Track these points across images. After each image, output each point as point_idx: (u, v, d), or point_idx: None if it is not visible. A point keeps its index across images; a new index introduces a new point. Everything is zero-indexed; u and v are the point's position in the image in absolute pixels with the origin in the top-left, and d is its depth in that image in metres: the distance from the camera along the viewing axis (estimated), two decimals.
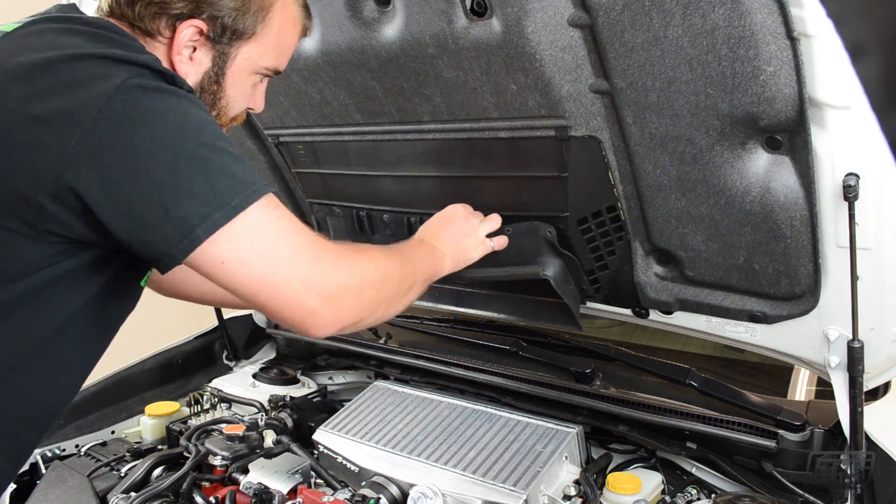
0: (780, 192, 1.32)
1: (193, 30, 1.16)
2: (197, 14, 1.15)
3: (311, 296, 1.07)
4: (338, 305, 1.10)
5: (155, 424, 2.05)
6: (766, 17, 1.14)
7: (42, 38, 1.02)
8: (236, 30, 1.19)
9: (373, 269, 1.20)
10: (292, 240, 1.07)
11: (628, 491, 1.53)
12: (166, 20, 1.15)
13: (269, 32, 1.23)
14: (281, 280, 1.05)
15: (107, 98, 0.95)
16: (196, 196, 0.98)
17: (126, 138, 0.96)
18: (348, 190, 1.97)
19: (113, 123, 0.95)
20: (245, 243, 1.02)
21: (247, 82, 1.27)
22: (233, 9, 1.17)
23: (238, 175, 1.03)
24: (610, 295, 1.70)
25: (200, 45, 1.18)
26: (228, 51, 1.21)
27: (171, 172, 0.97)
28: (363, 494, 1.57)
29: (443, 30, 1.42)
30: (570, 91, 1.39)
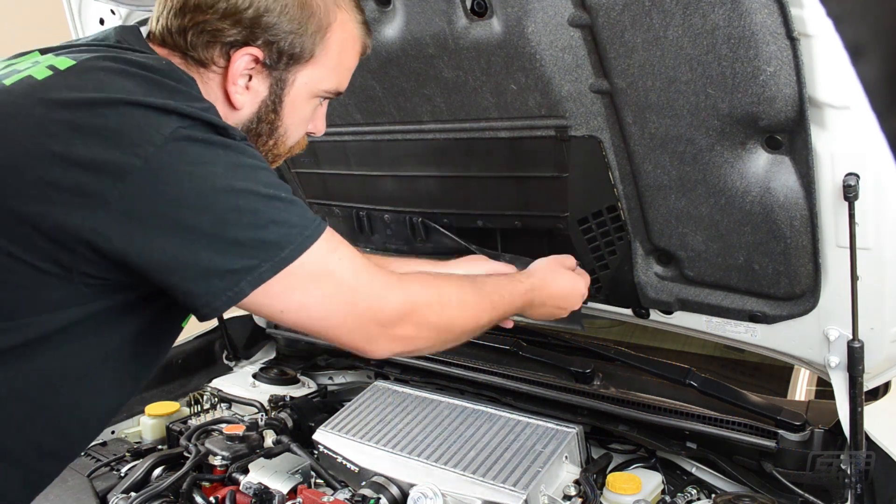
0: (780, 192, 1.32)
1: (249, 58, 1.11)
2: (252, 41, 1.10)
3: (370, 327, 1.08)
4: (396, 335, 1.10)
5: (155, 424, 2.05)
6: (766, 17, 1.14)
7: (94, 77, 0.98)
8: (293, 54, 1.13)
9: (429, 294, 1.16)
10: (346, 278, 1.05)
11: (628, 491, 1.53)
12: (220, 49, 1.10)
13: (328, 53, 1.17)
14: (340, 318, 1.06)
15: (154, 149, 0.92)
16: (245, 249, 0.96)
17: (171, 192, 0.93)
18: (348, 190, 1.97)
19: (158, 176, 0.92)
20: (298, 292, 1.01)
21: (306, 107, 1.21)
22: (289, 32, 1.11)
23: (290, 221, 1.00)
24: (610, 295, 1.70)
25: (256, 73, 1.13)
26: (286, 76, 1.15)
27: (220, 226, 0.95)
28: (363, 494, 1.57)
29: (443, 30, 1.42)
30: (571, 91, 1.39)
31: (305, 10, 1.12)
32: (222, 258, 0.95)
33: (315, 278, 1.02)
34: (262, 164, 1.04)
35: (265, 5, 1.09)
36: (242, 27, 1.09)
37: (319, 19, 1.14)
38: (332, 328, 1.07)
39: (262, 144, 1.22)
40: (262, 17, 1.09)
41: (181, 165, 0.93)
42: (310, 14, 1.12)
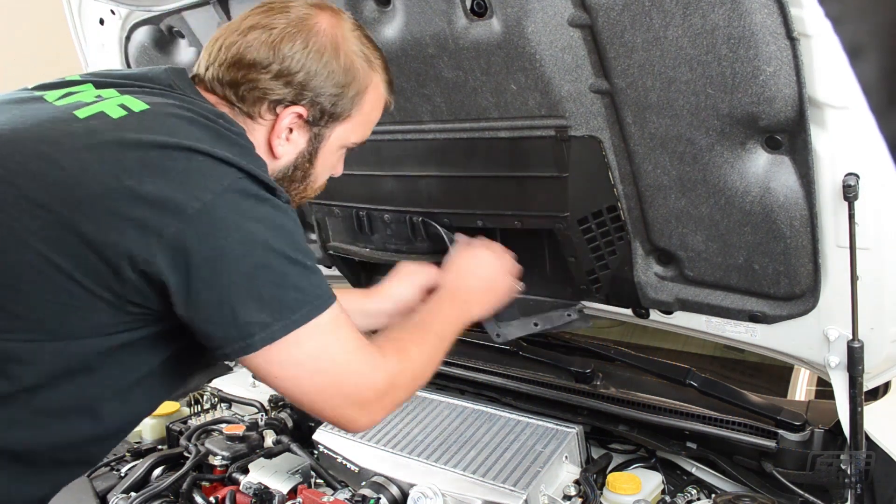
0: (780, 192, 1.32)
1: (294, 115, 1.21)
2: (298, 100, 1.20)
3: (352, 410, 1.15)
4: (373, 412, 1.18)
5: (155, 424, 2.05)
6: (766, 17, 1.14)
7: (167, 122, 1.07)
8: (334, 113, 1.25)
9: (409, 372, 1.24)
10: (339, 360, 1.12)
11: (628, 491, 1.53)
12: (268, 105, 1.20)
13: (361, 112, 1.29)
14: (326, 398, 1.13)
15: (213, 196, 1.01)
16: (264, 304, 1.03)
17: (219, 238, 1.01)
18: (348, 190, 1.97)
19: (211, 221, 1.00)
20: (296, 364, 1.09)
21: (335, 156, 1.34)
22: (333, 95, 1.22)
23: (307, 290, 1.08)
24: (610, 295, 1.70)
25: (298, 128, 1.24)
26: (324, 132, 1.27)
27: (250, 279, 1.03)
28: (363, 494, 1.57)
29: (443, 30, 1.42)
30: (570, 91, 1.39)
31: (348, 76, 1.23)
32: (244, 309, 1.03)
33: (313, 352, 1.09)
34: (298, 227, 1.12)
35: (315, 70, 1.19)
36: (292, 88, 1.19)
37: (359, 83, 1.25)
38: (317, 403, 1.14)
39: (294, 189, 1.33)
40: (311, 80, 1.20)
41: (233, 215, 1.02)
42: (352, 79, 1.23)
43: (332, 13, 1.24)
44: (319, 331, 1.09)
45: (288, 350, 1.06)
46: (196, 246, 1.00)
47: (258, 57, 1.18)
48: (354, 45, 1.25)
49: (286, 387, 1.12)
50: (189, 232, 1.00)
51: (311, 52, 1.19)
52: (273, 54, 1.17)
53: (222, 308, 1.02)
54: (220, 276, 1.02)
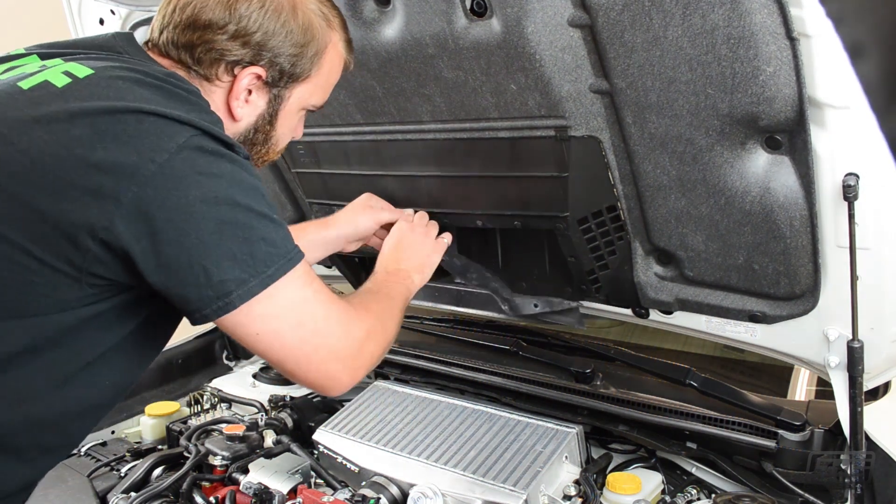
0: (780, 192, 1.32)
1: (252, 76, 1.19)
2: (256, 61, 1.18)
3: (335, 365, 1.15)
4: (356, 369, 1.18)
5: (155, 424, 2.05)
6: (766, 17, 1.14)
7: (114, 86, 1.04)
8: (293, 74, 1.23)
9: (380, 327, 1.26)
10: (319, 311, 1.12)
11: (628, 491, 1.53)
12: (225, 66, 1.18)
13: (320, 73, 1.27)
14: (310, 351, 1.12)
15: (168, 155, 0.98)
16: (237, 262, 1.02)
17: (179, 197, 0.99)
18: (348, 190, 1.97)
19: (169, 181, 0.98)
20: (276, 316, 1.07)
21: (295, 118, 1.32)
22: (291, 55, 1.20)
23: (277, 243, 1.07)
24: (610, 295, 1.70)
25: (257, 89, 1.22)
26: (283, 93, 1.25)
27: (218, 237, 1.01)
28: (363, 494, 1.57)
29: (443, 30, 1.42)
30: (570, 91, 1.39)
31: (307, 35, 1.21)
32: (217, 268, 1.01)
33: (292, 304, 1.09)
34: (259, 183, 1.10)
35: (272, 29, 1.17)
36: (250, 48, 1.17)
37: (318, 43, 1.24)
38: (300, 360, 1.12)
39: (256, 151, 1.32)
40: (269, 40, 1.17)
41: (191, 173, 1.00)
42: (311, 39, 1.22)
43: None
44: (296, 284, 1.08)
45: (267, 304, 1.05)
46: (156, 209, 0.98)
47: (214, 17, 1.15)
48: (312, 3, 1.23)
49: (268, 343, 1.09)
50: (147, 195, 0.97)
51: (268, 11, 1.16)
52: (229, 14, 1.15)
53: (194, 269, 1.00)
54: (187, 237, 0.99)
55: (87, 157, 0.98)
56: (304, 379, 1.15)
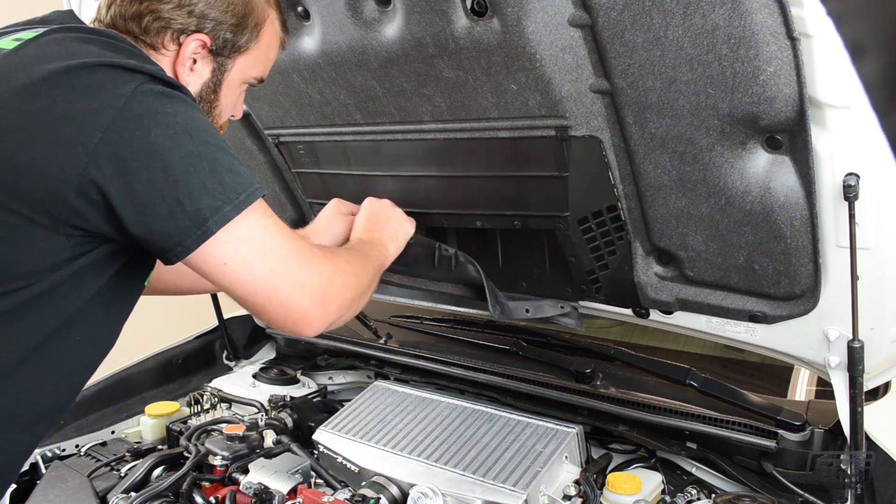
0: (780, 192, 1.32)
1: (197, 43, 1.26)
2: (200, 29, 1.25)
3: (304, 297, 1.15)
4: (326, 305, 1.17)
5: (155, 424, 2.05)
6: (766, 17, 1.14)
7: (63, 46, 1.10)
8: (235, 43, 1.30)
9: (349, 269, 1.29)
10: (287, 243, 1.15)
11: (628, 491, 1.53)
12: (171, 34, 1.24)
13: (260, 46, 1.35)
14: (278, 282, 1.13)
15: (124, 100, 1.04)
16: (208, 191, 1.06)
17: (142, 137, 1.04)
18: (348, 190, 1.97)
19: (130, 122, 1.04)
20: (248, 244, 1.10)
21: (237, 91, 1.38)
22: (233, 24, 1.28)
23: (241, 173, 1.11)
24: (610, 295, 1.70)
25: (201, 58, 1.29)
26: (226, 63, 1.32)
27: (185, 169, 1.05)
28: (363, 494, 1.57)
29: (443, 30, 1.42)
30: (571, 91, 1.39)
31: (248, 7, 1.30)
32: (189, 198, 1.05)
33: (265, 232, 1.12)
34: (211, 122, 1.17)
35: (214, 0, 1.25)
36: (194, 17, 1.25)
37: (257, 16, 1.32)
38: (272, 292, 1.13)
39: None
40: (212, 10, 1.26)
41: (149, 112, 1.05)
42: (251, 11, 1.30)
43: None
44: (264, 213, 1.13)
45: (242, 228, 1.08)
46: (123, 149, 1.03)
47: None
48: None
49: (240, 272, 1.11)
50: (112, 139, 1.02)
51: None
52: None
53: (168, 203, 1.05)
54: (156, 172, 1.04)
55: (50, 110, 1.03)
56: (275, 314, 1.15)
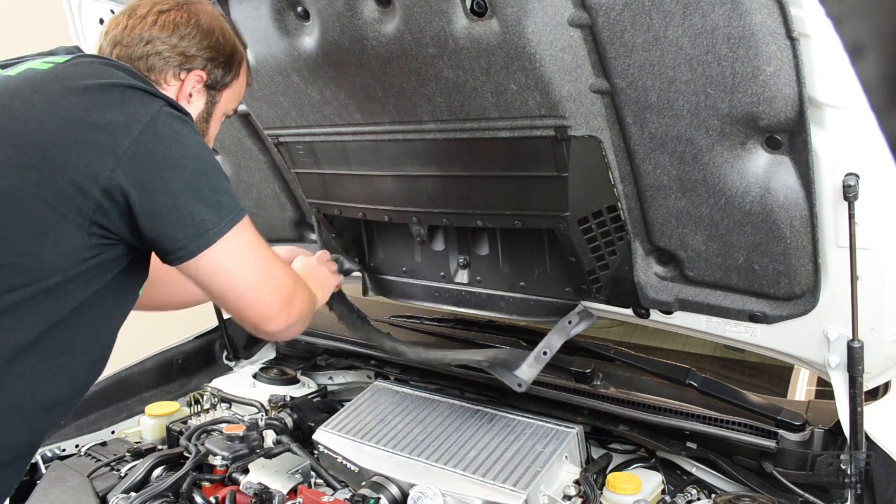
0: (780, 192, 1.32)
1: (196, 79, 1.43)
2: (198, 67, 1.43)
3: (276, 300, 1.34)
4: (290, 309, 1.37)
5: (155, 424, 2.06)
6: (766, 17, 1.14)
7: (94, 67, 1.27)
8: (223, 80, 1.48)
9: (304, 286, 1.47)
10: (267, 256, 1.34)
11: (628, 491, 1.53)
12: (173, 72, 1.41)
13: (240, 81, 1.54)
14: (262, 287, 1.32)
15: (150, 118, 1.20)
16: (210, 206, 1.23)
17: (164, 152, 1.20)
18: (348, 190, 1.97)
19: (154, 137, 1.19)
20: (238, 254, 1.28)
21: (220, 122, 1.56)
22: (222, 62, 1.46)
23: (233, 195, 1.29)
24: (610, 295, 1.70)
25: (197, 92, 1.45)
26: (217, 96, 1.49)
27: (194, 184, 1.23)
28: (363, 494, 1.57)
29: (443, 30, 1.42)
30: (571, 91, 1.39)
31: (232, 48, 1.49)
32: (197, 210, 1.22)
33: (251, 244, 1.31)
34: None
35: (208, 43, 1.43)
36: (192, 56, 1.42)
37: (239, 55, 1.51)
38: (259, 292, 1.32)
39: None
40: (206, 51, 1.43)
41: (170, 132, 1.22)
42: (235, 50, 1.49)
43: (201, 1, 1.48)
44: (249, 230, 1.30)
45: (234, 240, 1.26)
46: (146, 160, 1.18)
47: (162, 35, 1.39)
48: (227, 25, 1.50)
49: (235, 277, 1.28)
50: (138, 148, 1.17)
51: (202, 27, 1.42)
52: (174, 30, 1.40)
53: (180, 211, 1.21)
54: (172, 184, 1.20)
55: (85, 118, 1.18)
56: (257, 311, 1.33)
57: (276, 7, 1.63)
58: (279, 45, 1.69)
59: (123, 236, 1.22)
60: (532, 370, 1.67)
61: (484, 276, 1.93)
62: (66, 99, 1.20)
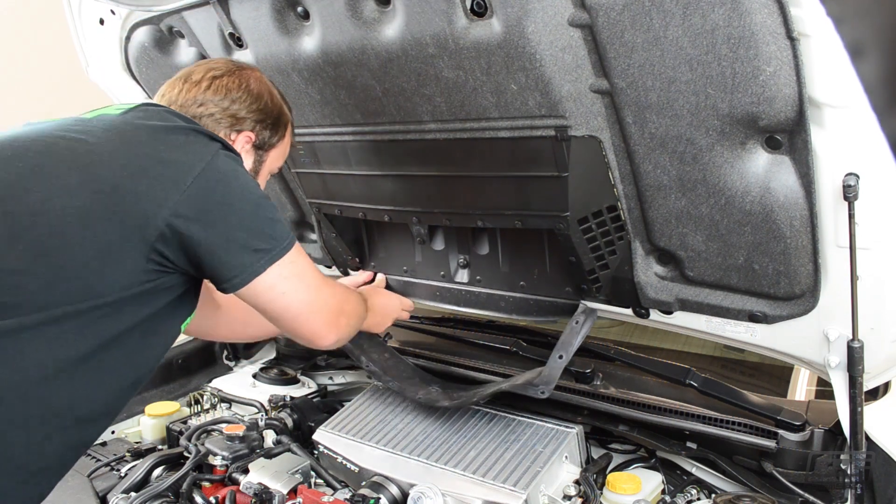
0: (780, 192, 1.32)
1: (245, 139, 1.56)
2: (248, 128, 1.56)
3: (327, 319, 1.49)
4: (338, 326, 1.52)
5: (155, 424, 2.06)
6: (766, 17, 1.14)
7: (160, 114, 1.42)
8: (270, 141, 1.61)
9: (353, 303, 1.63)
10: (317, 278, 1.46)
11: (628, 491, 1.53)
12: (224, 132, 1.53)
13: (285, 141, 1.66)
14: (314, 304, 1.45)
15: (211, 157, 1.33)
16: (265, 236, 1.35)
17: (224, 188, 1.32)
18: (348, 190, 1.97)
19: (215, 175, 1.31)
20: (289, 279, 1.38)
21: (265, 180, 1.68)
22: (270, 124, 1.59)
23: (284, 225, 1.41)
24: (610, 295, 1.70)
25: (246, 152, 1.57)
26: (264, 156, 1.62)
27: (251, 217, 1.34)
28: (363, 494, 1.57)
29: (443, 30, 1.42)
30: (571, 91, 1.39)
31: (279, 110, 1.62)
32: (253, 240, 1.34)
33: (303, 268, 1.43)
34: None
35: (259, 108, 1.56)
36: (242, 119, 1.55)
37: (285, 117, 1.64)
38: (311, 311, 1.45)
39: None
40: (256, 114, 1.56)
41: (229, 171, 1.35)
42: (280, 114, 1.62)
43: (253, 68, 1.62)
44: (300, 253, 1.43)
45: (287, 266, 1.37)
46: (207, 194, 1.29)
47: (216, 98, 1.52)
48: (276, 90, 1.64)
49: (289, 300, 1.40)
50: (201, 183, 1.29)
51: (252, 92, 1.56)
52: (226, 94, 1.53)
53: (236, 240, 1.32)
54: (231, 217, 1.32)
55: (153, 155, 1.31)
56: (309, 328, 1.47)
57: (276, 7, 1.63)
58: (279, 45, 1.69)
59: (180, 264, 1.31)
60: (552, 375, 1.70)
61: (484, 275, 1.93)
62: (136, 136, 1.33)
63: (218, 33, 1.79)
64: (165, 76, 2.07)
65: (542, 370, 1.71)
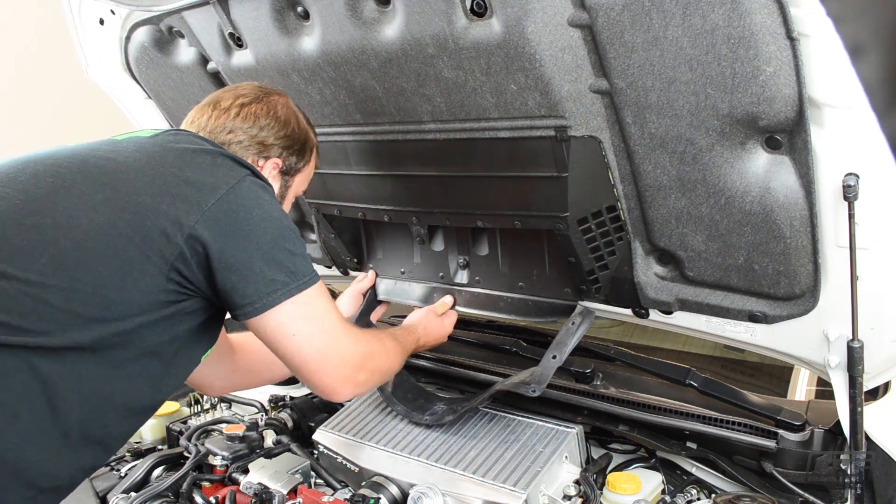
0: (780, 192, 1.32)
1: (272, 165, 1.57)
2: (275, 155, 1.57)
3: (344, 370, 1.39)
4: (356, 379, 1.42)
5: (155, 424, 2.06)
6: (766, 17, 1.14)
7: (189, 137, 1.44)
8: (297, 166, 1.62)
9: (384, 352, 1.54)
10: (336, 323, 1.39)
11: (628, 491, 1.53)
12: (252, 159, 1.54)
13: (310, 166, 1.68)
14: (328, 355, 1.37)
15: (236, 181, 1.32)
16: (283, 268, 1.31)
17: (246, 214, 1.31)
18: (348, 190, 1.97)
19: (238, 199, 1.30)
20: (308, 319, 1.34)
21: (290, 204, 1.68)
22: (296, 150, 1.60)
23: (307, 260, 1.37)
24: (610, 295, 1.70)
25: (273, 177, 1.58)
26: (290, 181, 1.63)
27: (271, 245, 1.31)
28: (363, 494, 1.57)
29: (443, 30, 1.42)
30: (570, 91, 1.39)
31: (305, 137, 1.63)
32: (270, 269, 1.30)
33: (320, 312, 1.37)
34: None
35: (286, 133, 1.58)
36: (271, 145, 1.56)
37: (311, 143, 1.66)
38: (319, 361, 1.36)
39: None
40: (282, 140, 1.57)
41: (253, 196, 1.33)
42: (306, 139, 1.64)
43: (279, 93, 1.61)
44: (320, 296, 1.37)
45: (302, 306, 1.32)
46: (228, 217, 1.28)
47: (244, 125, 1.53)
48: (301, 115, 1.64)
49: (300, 343, 1.33)
50: (223, 206, 1.28)
51: (279, 118, 1.56)
52: (254, 121, 1.54)
53: (254, 268, 1.28)
54: (250, 243, 1.29)
55: (178, 175, 1.31)
56: (319, 380, 1.38)
57: (276, 7, 1.63)
58: (279, 45, 1.69)
59: (199, 286, 1.29)
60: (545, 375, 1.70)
61: (483, 276, 1.93)
62: (163, 157, 1.34)
63: (218, 33, 1.79)
64: (165, 76, 2.07)
65: (535, 370, 1.71)
